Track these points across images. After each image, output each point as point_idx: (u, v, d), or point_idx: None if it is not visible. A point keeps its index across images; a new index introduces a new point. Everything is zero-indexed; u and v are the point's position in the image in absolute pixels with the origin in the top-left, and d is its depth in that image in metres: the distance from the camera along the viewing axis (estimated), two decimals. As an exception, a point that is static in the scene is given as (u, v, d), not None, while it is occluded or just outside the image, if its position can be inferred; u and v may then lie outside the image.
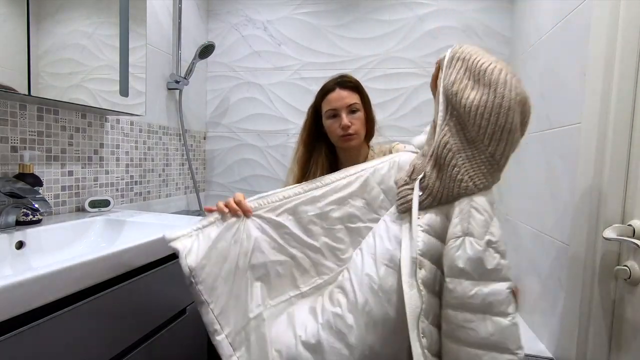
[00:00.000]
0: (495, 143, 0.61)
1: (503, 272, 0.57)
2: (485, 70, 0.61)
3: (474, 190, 0.61)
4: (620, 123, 0.84)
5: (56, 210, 1.09)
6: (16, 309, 0.55)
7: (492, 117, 0.60)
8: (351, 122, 0.92)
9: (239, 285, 0.69)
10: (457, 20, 1.68)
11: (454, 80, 0.65)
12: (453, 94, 0.64)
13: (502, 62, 0.63)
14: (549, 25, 1.23)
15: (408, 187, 0.67)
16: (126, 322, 0.79)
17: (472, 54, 0.65)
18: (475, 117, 0.61)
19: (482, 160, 0.62)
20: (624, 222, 0.84)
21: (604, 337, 0.87)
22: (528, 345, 1.13)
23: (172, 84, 1.62)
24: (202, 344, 1.13)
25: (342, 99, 0.93)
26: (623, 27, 0.83)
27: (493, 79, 0.60)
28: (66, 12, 0.98)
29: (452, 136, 0.65)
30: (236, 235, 0.71)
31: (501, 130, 0.60)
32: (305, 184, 0.81)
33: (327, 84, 0.97)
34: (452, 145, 0.64)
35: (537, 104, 1.29)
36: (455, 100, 0.64)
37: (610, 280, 0.86)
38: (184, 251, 0.66)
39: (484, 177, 0.62)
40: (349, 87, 0.94)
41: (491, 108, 0.60)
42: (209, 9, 1.95)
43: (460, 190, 0.62)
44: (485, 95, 0.60)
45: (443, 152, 0.65)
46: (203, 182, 2.00)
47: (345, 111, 0.93)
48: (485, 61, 0.63)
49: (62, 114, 1.10)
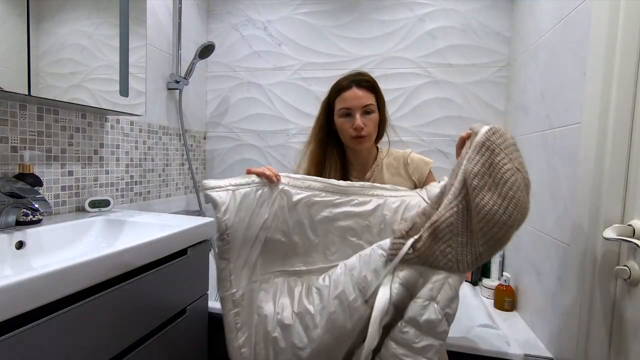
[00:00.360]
0: (487, 248, 0.70)
1: (443, 335, 0.71)
2: (506, 182, 0.67)
3: (455, 271, 0.72)
4: (620, 123, 0.84)
5: (56, 210, 1.09)
6: (16, 309, 0.55)
7: (494, 228, 0.68)
8: (365, 123, 0.91)
9: (252, 251, 0.82)
10: (457, 20, 1.68)
11: (476, 172, 0.69)
12: (472, 186, 0.69)
13: (522, 169, 0.69)
14: (549, 25, 1.23)
15: (402, 242, 0.74)
16: (126, 322, 0.79)
17: (502, 150, 0.69)
18: (481, 220, 0.68)
19: (471, 252, 0.71)
20: (624, 222, 0.83)
21: (604, 337, 0.87)
22: (528, 346, 1.13)
23: (172, 84, 1.62)
24: (202, 344, 1.13)
25: (358, 98, 0.91)
26: (623, 27, 0.83)
27: (509, 194, 0.67)
28: (66, 12, 0.98)
29: (457, 219, 0.71)
30: (264, 207, 0.82)
31: (497, 242, 0.69)
32: (329, 185, 0.88)
33: (342, 81, 0.94)
34: (454, 228, 0.71)
35: (537, 104, 1.29)
36: (471, 192, 0.70)
37: (610, 280, 0.86)
38: (222, 206, 0.78)
39: (467, 265, 0.71)
40: (366, 87, 0.92)
41: (497, 221, 0.67)
42: (209, 9, 1.95)
43: (444, 265, 0.72)
44: (496, 207, 0.67)
45: (444, 230, 0.72)
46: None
47: (359, 112, 0.91)
48: (508, 169, 0.68)
49: (62, 114, 1.10)
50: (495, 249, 0.70)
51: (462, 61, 1.69)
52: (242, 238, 0.80)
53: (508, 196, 0.66)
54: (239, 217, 0.79)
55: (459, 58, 1.69)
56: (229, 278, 0.80)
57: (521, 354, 1.08)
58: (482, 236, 0.69)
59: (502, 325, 1.26)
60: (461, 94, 1.70)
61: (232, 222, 0.78)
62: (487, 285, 1.51)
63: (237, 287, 0.81)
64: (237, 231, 0.79)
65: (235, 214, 0.79)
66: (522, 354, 1.07)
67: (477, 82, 1.68)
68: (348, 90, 0.92)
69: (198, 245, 1.05)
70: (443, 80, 1.71)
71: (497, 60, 1.66)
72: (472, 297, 1.49)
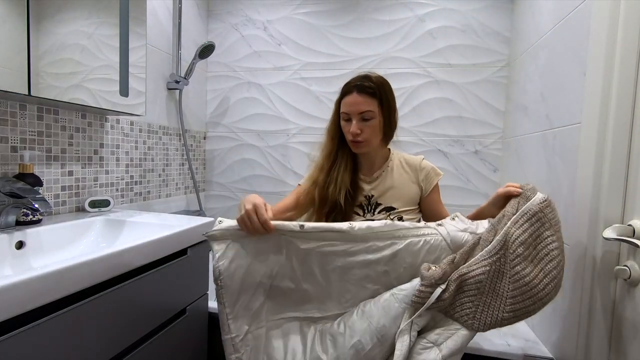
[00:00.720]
0: (513, 315, 0.69)
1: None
2: (551, 260, 0.68)
3: (469, 327, 0.71)
4: (620, 123, 0.84)
5: (56, 210, 1.09)
6: (16, 309, 0.55)
7: (528, 300, 0.68)
8: (361, 129, 0.90)
9: (254, 298, 0.79)
10: (457, 20, 1.68)
11: (523, 241, 0.69)
12: (514, 253, 0.69)
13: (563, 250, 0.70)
14: (549, 25, 1.23)
15: (429, 291, 0.71)
16: (126, 322, 0.79)
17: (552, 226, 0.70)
18: (517, 289, 0.68)
19: (492, 315, 0.70)
20: (624, 222, 0.83)
21: (604, 337, 0.87)
22: (528, 346, 1.13)
23: (172, 84, 1.62)
24: (202, 344, 1.13)
25: (356, 104, 0.90)
26: (623, 27, 0.83)
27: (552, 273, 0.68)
28: (66, 12, 0.98)
29: (488, 278, 0.71)
30: (266, 255, 0.78)
31: (525, 313, 0.69)
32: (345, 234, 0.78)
33: (348, 84, 0.94)
34: (481, 286, 0.71)
35: (537, 104, 1.29)
36: (512, 258, 0.69)
37: (610, 280, 0.86)
38: (217, 252, 0.76)
39: (483, 325, 0.70)
40: (368, 93, 0.90)
41: (534, 295, 0.67)
42: (209, 9, 1.95)
43: (460, 319, 0.72)
44: (537, 281, 0.67)
45: (471, 285, 0.71)
46: (203, 182, 2.00)
47: (356, 117, 0.90)
48: (555, 248, 0.69)
49: (62, 114, 1.10)
50: (520, 318, 0.69)
51: (462, 61, 1.69)
52: (240, 284, 0.77)
53: (551, 274, 0.68)
54: (235, 264, 0.76)
55: (459, 58, 1.69)
56: (227, 322, 0.77)
57: (521, 354, 1.08)
58: (513, 304, 0.68)
59: (502, 325, 1.27)
60: (461, 94, 1.70)
61: (226, 268, 0.75)
62: (487, 285, 1.51)
63: (236, 332, 0.77)
64: (232, 277, 0.76)
65: (231, 261, 0.76)
66: (522, 354, 1.07)
67: (477, 82, 1.68)
68: (349, 95, 0.92)
69: (198, 245, 1.05)
70: (443, 80, 1.71)
71: (497, 60, 1.66)
72: (472, 297, 1.49)
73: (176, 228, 0.95)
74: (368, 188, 0.99)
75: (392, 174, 1.01)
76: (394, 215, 0.96)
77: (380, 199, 0.98)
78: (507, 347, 1.09)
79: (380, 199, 0.98)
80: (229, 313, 0.76)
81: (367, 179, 1.00)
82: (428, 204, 1.00)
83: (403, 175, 1.01)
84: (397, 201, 0.97)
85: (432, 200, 1.00)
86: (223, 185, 2.00)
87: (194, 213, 1.72)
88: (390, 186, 0.99)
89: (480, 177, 1.71)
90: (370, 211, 0.97)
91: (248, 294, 0.78)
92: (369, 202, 0.98)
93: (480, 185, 1.71)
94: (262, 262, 0.78)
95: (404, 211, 0.97)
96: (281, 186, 1.92)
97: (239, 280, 0.77)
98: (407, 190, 0.99)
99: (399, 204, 0.97)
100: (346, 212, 0.96)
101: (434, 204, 1.01)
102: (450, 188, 1.71)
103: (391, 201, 0.97)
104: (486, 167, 1.70)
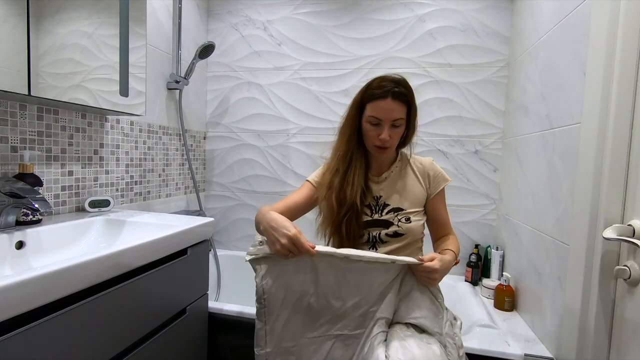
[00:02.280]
0: None
1: None
2: None
3: None
4: (620, 123, 0.84)
5: (56, 210, 1.09)
6: (16, 309, 0.55)
7: None
8: (391, 135, 0.90)
9: (291, 316, 0.83)
10: (457, 20, 1.68)
11: None
12: None
13: None
14: (549, 25, 1.23)
15: None
16: (126, 322, 0.79)
17: None
18: None
19: None
20: (624, 222, 0.83)
21: (604, 337, 0.87)
22: (528, 346, 1.13)
23: (172, 84, 1.62)
24: (202, 344, 1.13)
25: (391, 111, 0.88)
26: (623, 27, 0.83)
27: None
28: (66, 12, 0.98)
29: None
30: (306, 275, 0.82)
31: None
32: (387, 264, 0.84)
33: (381, 87, 0.90)
34: None
35: (537, 104, 1.29)
36: None
37: (610, 280, 0.86)
38: (260, 271, 0.81)
39: None
40: (402, 100, 0.89)
41: None
42: (209, 9, 1.95)
43: None
44: None
45: None
46: (203, 182, 2.00)
47: (388, 124, 0.89)
48: None
49: (62, 114, 1.10)
50: None
51: (462, 61, 1.69)
52: (281, 302, 0.81)
53: None
54: (278, 282, 0.81)
55: (459, 58, 1.69)
56: (265, 338, 0.82)
57: (521, 354, 1.08)
58: None
59: (502, 325, 1.27)
60: (461, 94, 1.70)
61: (270, 286, 0.80)
62: (487, 285, 1.51)
63: (271, 347, 0.82)
64: (275, 295, 0.81)
65: (274, 279, 0.80)
66: (522, 354, 1.07)
67: (477, 82, 1.68)
68: (382, 99, 0.88)
69: (198, 245, 1.05)
70: (443, 80, 1.71)
71: (497, 60, 1.66)
72: (472, 296, 1.49)
73: (176, 228, 0.95)
74: (376, 188, 0.99)
75: (400, 174, 1.00)
76: (402, 216, 0.96)
77: (388, 199, 0.97)
78: (507, 347, 1.09)
79: (388, 200, 0.97)
80: (267, 329, 0.81)
81: (375, 179, 0.99)
82: (430, 208, 1.00)
83: (411, 175, 1.01)
84: (405, 202, 0.97)
85: (434, 205, 0.99)
86: (223, 185, 2.00)
87: (194, 213, 1.72)
88: (398, 187, 0.99)
89: (480, 177, 1.71)
90: (378, 212, 0.97)
91: (286, 311, 0.82)
92: (377, 203, 0.97)
93: (480, 185, 1.71)
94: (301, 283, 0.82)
95: (412, 212, 0.96)
96: (281, 186, 1.92)
97: (280, 298, 0.81)
98: (414, 192, 0.98)
99: (407, 205, 0.97)
100: (360, 212, 0.96)
101: (435, 211, 1.00)
102: (450, 188, 1.71)
103: (399, 202, 0.97)
104: (486, 167, 1.71)
